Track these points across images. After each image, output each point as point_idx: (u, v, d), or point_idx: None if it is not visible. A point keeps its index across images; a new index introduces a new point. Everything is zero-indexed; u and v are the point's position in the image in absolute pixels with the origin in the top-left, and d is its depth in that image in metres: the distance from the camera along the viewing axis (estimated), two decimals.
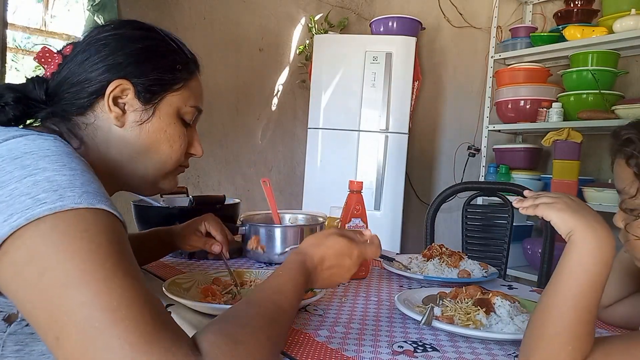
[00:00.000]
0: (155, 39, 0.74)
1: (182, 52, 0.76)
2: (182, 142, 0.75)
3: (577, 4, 2.53)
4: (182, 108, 0.75)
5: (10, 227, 0.48)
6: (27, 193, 0.50)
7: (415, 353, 0.69)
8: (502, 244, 1.68)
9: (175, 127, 0.74)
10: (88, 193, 0.53)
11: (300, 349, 0.69)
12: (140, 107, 0.71)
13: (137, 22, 0.75)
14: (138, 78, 0.70)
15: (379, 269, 1.24)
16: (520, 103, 2.61)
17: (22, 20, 2.82)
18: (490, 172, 2.75)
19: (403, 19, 3.15)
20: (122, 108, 0.70)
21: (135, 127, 0.71)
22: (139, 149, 0.72)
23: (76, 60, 0.70)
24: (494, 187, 1.79)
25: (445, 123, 3.44)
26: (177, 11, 2.94)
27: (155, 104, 0.72)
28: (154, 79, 0.71)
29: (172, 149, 0.74)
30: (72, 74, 0.70)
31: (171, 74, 0.73)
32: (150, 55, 0.72)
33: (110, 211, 0.54)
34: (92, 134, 0.70)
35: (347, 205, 1.13)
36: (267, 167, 3.45)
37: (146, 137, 0.72)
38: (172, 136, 0.74)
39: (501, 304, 0.80)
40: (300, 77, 3.53)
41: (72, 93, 0.69)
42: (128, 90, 0.70)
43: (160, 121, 0.72)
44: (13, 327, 0.58)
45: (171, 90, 0.73)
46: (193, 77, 0.77)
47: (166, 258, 1.22)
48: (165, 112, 0.73)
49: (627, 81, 2.48)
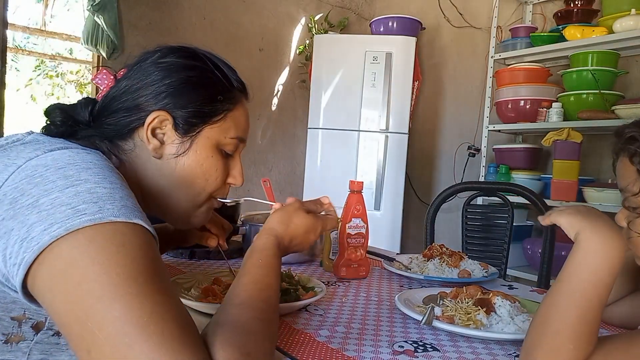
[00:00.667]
0: (199, 68, 0.72)
1: (226, 81, 0.74)
2: (218, 176, 0.74)
3: (577, 4, 2.53)
4: (221, 140, 0.73)
5: (50, 237, 0.49)
6: (68, 203, 0.51)
7: (415, 353, 0.69)
8: (502, 244, 1.68)
9: (213, 160, 0.73)
10: (126, 207, 0.54)
11: (301, 349, 0.69)
12: (178, 139, 0.70)
13: (185, 49, 0.74)
14: (177, 109, 0.69)
15: (380, 269, 1.24)
16: (520, 103, 2.61)
17: (22, 20, 2.82)
18: (490, 172, 2.75)
19: (403, 19, 3.15)
20: (161, 139, 0.70)
21: (172, 160, 0.70)
22: (173, 182, 0.72)
23: (120, 87, 0.71)
24: (494, 187, 1.79)
25: (445, 123, 3.44)
26: (177, 11, 2.94)
27: (192, 137, 0.71)
28: (193, 111, 0.70)
29: (206, 182, 0.73)
30: (116, 100, 0.70)
31: (211, 106, 0.72)
32: (191, 87, 0.71)
33: (145, 227, 0.55)
34: (130, 159, 0.70)
35: (347, 205, 1.13)
36: (267, 167, 3.45)
37: (182, 170, 0.71)
38: (209, 170, 0.73)
39: (501, 304, 0.80)
40: (300, 77, 3.53)
41: (113, 119, 0.70)
42: (167, 121, 0.69)
43: (197, 155, 0.71)
44: (40, 335, 0.59)
45: (210, 122, 0.72)
46: (236, 107, 0.75)
47: (166, 258, 1.22)
48: (202, 145, 0.71)
49: (627, 81, 2.48)
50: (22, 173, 0.54)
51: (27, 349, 0.58)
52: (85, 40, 2.59)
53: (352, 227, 1.12)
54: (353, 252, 1.12)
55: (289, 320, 0.80)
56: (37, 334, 0.59)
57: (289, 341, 0.72)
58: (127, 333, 0.47)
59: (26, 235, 0.50)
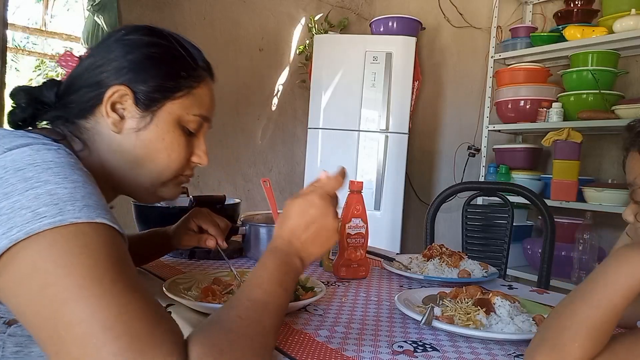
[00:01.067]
0: (162, 45, 0.72)
1: (191, 59, 0.74)
2: (181, 152, 0.73)
3: (577, 4, 2.53)
4: (183, 116, 0.73)
5: (9, 241, 0.49)
6: (28, 206, 0.50)
7: (415, 353, 0.69)
8: (502, 244, 1.68)
9: (174, 135, 0.72)
10: (88, 206, 0.53)
11: (301, 349, 0.69)
12: (138, 113, 0.70)
13: (149, 28, 0.74)
14: (139, 85, 0.69)
15: (379, 269, 1.24)
16: (520, 103, 2.61)
17: (21, 20, 2.82)
18: (490, 172, 2.75)
19: (403, 19, 3.15)
20: (121, 114, 0.70)
21: (132, 134, 0.70)
22: (135, 157, 0.71)
23: (83, 65, 0.71)
24: (494, 187, 1.79)
25: (445, 123, 3.44)
26: (177, 11, 2.94)
27: (154, 111, 0.70)
28: (155, 86, 0.70)
29: (169, 158, 0.73)
30: (79, 78, 0.70)
31: (173, 81, 0.71)
32: (153, 62, 0.70)
33: (110, 225, 0.54)
34: (92, 138, 0.70)
35: (347, 205, 1.14)
36: (267, 167, 3.45)
37: (142, 145, 0.70)
38: (170, 145, 0.72)
39: (501, 304, 0.80)
40: (300, 77, 3.53)
41: (76, 97, 0.70)
42: (127, 96, 0.69)
43: (158, 129, 0.71)
44: (12, 329, 0.59)
45: (172, 97, 0.71)
46: (200, 85, 0.75)
47: (166, 258, 1.22)
48: (163, 120, 0.71)
49: (627, 81, 2.48)
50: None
51: (1, 341, 0.58)
52: (86, 40, 2.59)
53: (352, 227, 1.12)
54: (353, 252, 1.12)
55: (288, 320, 0.80)
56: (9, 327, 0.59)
57: (289, 341, 0.72)
58: (95, 335, 0.47)
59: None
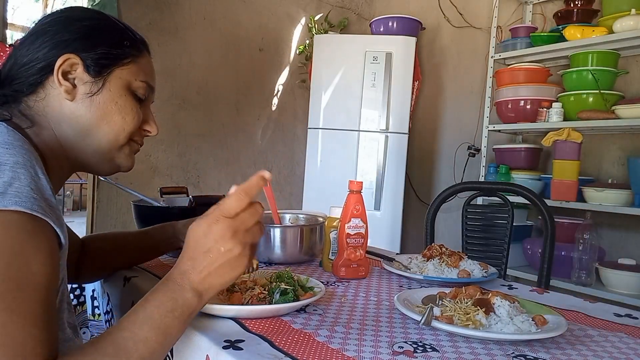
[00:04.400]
0: (102, 18, 0.77)
1: (129, 32, 0.78)
2: (134, 115, 0.76)
3: (577, 4, 2.53)
4: (132, 82, 0.76)
5: None
6: None
7: (415, 353, 0.69)
8: (502, 244, 1.68)
9: (127, 99, 0.75)
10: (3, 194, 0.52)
11: (301, 349, 0.69)
12: (90, 80, 0.72)
13: (83, 7, 0.79)
14: (86, 52, 0.72)
15: (379, 269, 1.24)
16: (520, 103, 2.61)
17: (21, 20, 2.81)
18: (490, 172, 2.75)
19: (403, 19, 3.15)
20: (72, 82, 0.72)
21: (86, 100, 0.72)
22: (90, 121, 0.73)
23: (24, 44, 0.72)
24: (494, 187, 1.79)
25: (445, 123, 3.44)
26: (177, 11, 2.94)
27: (104, 77, 0.73)
28: (102, 53, 0.73)
29: (124, 121, 0.75)
30: (21, 56, 0.72)
31: (119, 49, 0.75)
32: (97, 32, 0.74)
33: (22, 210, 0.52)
34: (42, 110, 0.72)
35: (347, 205, 1.13)
36: (267, 167, 3.45)
37: (97, 108, 0.73)
38: (124, 108, 0.75)
39: (501, 304, 0.80)
40: (300, 77, 3.53)
41: (21, 73, 0.71)
42: (77, 65, 0.71)
43: (110, 93, 0.74)
44: None
45: (120, 64, 0.75)
46: (142, 55, 0.79)
47: (166, 258, 1.22)
48: (115, 85, 0.74)
49: (627, 81, 2.48)
50: None
51: None
52: None
53: (351, 227, 1.12)
54: (352, 252, 1.12)
55: (288, 320, 0.80)
56: None
57: (289, 341, 0.72)
58: None
59: None
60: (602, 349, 0.76)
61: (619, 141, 2.51)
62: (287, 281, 0.90)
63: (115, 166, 0.80)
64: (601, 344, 0.78)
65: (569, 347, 0.76)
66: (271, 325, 0.78)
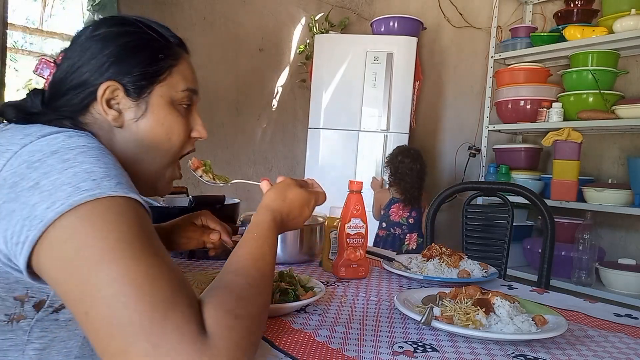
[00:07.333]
0: (132, 33, 0.74)
1: (162, 39, 0.76)
2: (181, 131, 0.76)
3: (577, 4, 2.53)
4: (174, 95, 0.75)
5: (54, 214, 0.52)
6: (68, 182, 0.54)
7: (415, 353, 0.69)
8: (502, 244, 1.68)
9: (172, 117, 0.74)
10: (121, 184, 0.57)
11: (301, 349, 0.69)
12: (132, 104, 0.71)
13: (113, 19, 0.76)
14: (124, 76, 0.70)
15: (379, 269, 1.24)
16: (520, 103, 2.61)
17: (20, 19, 2.81)
18: (490, 172, 2.75)
19: (404, 18, 3.15)
20: (117, 109, 0.71)
21: (132, 125, 0.72)
22: (140, 146, 0.73)
23: (62, 68, 0.71)
24: (494, 187, 1.78)
25: (446, 123, 3.44)
26: (177, 11, 2.94)
27: (146, 98, 0.72)
28: (139, 75, 0.71)
29: (170, 142, 0.75)
30: (62, 82, 0.71)
31: (155, 65, 0.73)
32: (130, 52, 0.72)
33: (139, 201, 0.58)
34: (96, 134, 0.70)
35: (347, 205, 1.13)
36: (267, 167, 3.45)
37: (144, 131, 0.72)
38: (170, 128, 0.74)
39: (501, 304, 0.80)
40: (300, 76, 3.53)
41: (65, 100, 0.70)
42: (118, 90, 0.70)
43: (155, 115, 0.73)
44: (40, 313, 0.60)
45: (158, 81, 0.73)
46: (179, 61, 0.77)
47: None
48: (157, 104, 0.73)
49: (627, 81, 2.48)
50: (20, 159, 0.56)
51: (28, 327, 0.60)
52: None
53: (351, 227, 1.12)
54: (352, 252, 1.12)
55: (288, 320, 0.80)
56: (37, 312, 0.60)
57: (289, 340, 0.72)
58: (124, 293, 0.50)
59: (29, 214, 0.52)
60: (602, 349, 0.76)
61: (619, 141, 2.51)
62: (288, 281, 0.90)
63: (154, 192, 0.80)
64: (601, 344, 0.78)
65: (569, 347, 0.76)
66: (271, 325, 0.78)
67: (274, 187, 0.83)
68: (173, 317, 0.50)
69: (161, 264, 0.54)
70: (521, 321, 0.78)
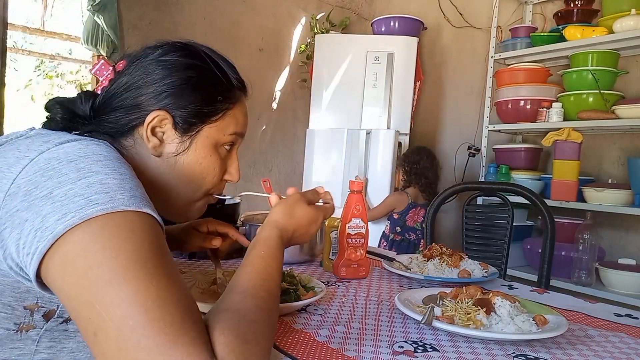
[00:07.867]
0: (200, 68, 0.72)
1: (226, 81, 0.75)
2: (215, 174, 0.75)
3: (577, 4, 2.53)
4: (220, 139, 0.74)
5: (64, 226, 0.51)
6: (81, 194, 0.53)
7: (415, 353, 0.69)
8: (502, 244, 1.68)
9: (212, 159, 0.74)
10: (135, 197, 0.56)
11: (301, 349, 0.69)
12: (177, 138, 0.71)
13: (187, 47, 0.74)
14: (177, 109, 0.70)
15: (379, 269, 1.24)
16: (520, 103, 2.61)
17: (20, 20, 2.81)
18: (490, 172, 2.75)
19: (405, 19, 3.15)
20: (160, 138, 0.70)
21: (171, 158, 0.71)
22: (172, 179, 0.72)
23: (121, 83, 0.70)
24: (494, 187, 1.79)
25: (446, 123, 3.44)
26: (177, 11, 2.94)
27: (192, 136, 0.71)
28: (193, 111, 0.70)
29: (204, 181, 0.74)
30: (116, 97, 0.70)
31: (211, 106, 0.72)
32: (192, 87, 0.71)
33: (153, 215, 0.57)
34: (130, 155, 0.71)
35: (347, 205, 1.13)
36: (267, 167, 3.45)
37: (181, 168, 0.72)
38: (207, 168, 0.74)
39: (501, 304, 0.80)
40: (300, 76, 3.53)
41: (113, 116, 0.70)
42: (166, 120, 0.69)
43: (196, 154, 0.72)
44: (50, 323, 0.60)
45: (209, 121, 0.72)
46: (235, 105, 0.76)
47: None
48: (202, 144, 0.72)
49: (627, 81, 2.48)
50: (35, 166, 0.55)
51: (37, 336, 0.60)
52: (86, 40, 2.59)
53: (352, 227, 1.12)
54: (353, 252, 1.12)
55: (288, 320, 0.80)
56: (47, 322, 0.60)
57: (289, 341, 0.72)
58: (132, 316, 0.49)
59: (40, 225, 0.52)
60: (603, 349, 0.76)
61: (619, 141, 2.51)
62: (289, 281, 0.90)
63: (185, 218, 0.80)
64: (602, 344, 0.78)
65: (569, 347, 0.76)
66: None
67: (282, 202, 0.80)
68: (182, 343, 0.49)
69: (172, 286, 0.52)
70: (522, 321, 0.78)
